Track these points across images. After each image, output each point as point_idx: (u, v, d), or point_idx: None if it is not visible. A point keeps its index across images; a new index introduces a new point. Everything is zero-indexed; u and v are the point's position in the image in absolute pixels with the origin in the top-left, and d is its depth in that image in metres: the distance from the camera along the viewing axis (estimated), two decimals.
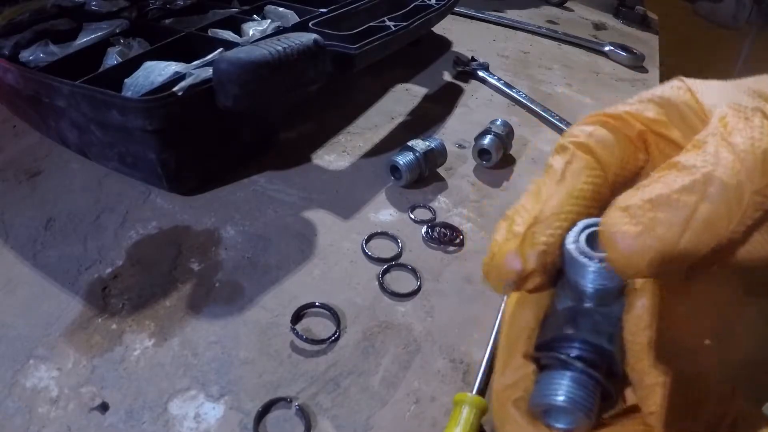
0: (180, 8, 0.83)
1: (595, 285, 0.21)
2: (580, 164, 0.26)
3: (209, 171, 0.63)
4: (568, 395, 0.20)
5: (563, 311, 0.22)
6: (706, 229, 0.20)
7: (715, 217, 0.20)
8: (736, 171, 0.20)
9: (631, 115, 0.27)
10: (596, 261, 0.21)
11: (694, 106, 0.27)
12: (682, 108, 0.27)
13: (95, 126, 0.58)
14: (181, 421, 0.39)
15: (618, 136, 0.27)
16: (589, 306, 0.22)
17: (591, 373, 0.21)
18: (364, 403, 0.41)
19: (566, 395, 0.20)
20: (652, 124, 0.27)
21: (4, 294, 0.48)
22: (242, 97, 0.52)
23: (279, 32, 0.68)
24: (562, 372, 0.21)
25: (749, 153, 0.20)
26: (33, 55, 0.66)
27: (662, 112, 0.27)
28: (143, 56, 0.63)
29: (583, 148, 0.26)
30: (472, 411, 0.39)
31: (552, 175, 0.26)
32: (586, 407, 0.20)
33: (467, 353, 0.46)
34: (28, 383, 0.41)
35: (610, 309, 0.21)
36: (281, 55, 0.52)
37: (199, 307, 0.48)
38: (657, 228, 0.19)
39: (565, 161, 0.26)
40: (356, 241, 0.56)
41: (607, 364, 0.21)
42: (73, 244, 0.53)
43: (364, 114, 0.80)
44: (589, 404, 0.21)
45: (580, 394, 0.20)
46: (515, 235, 0.24)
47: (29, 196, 0.59)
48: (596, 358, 0.21)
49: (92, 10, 0.79)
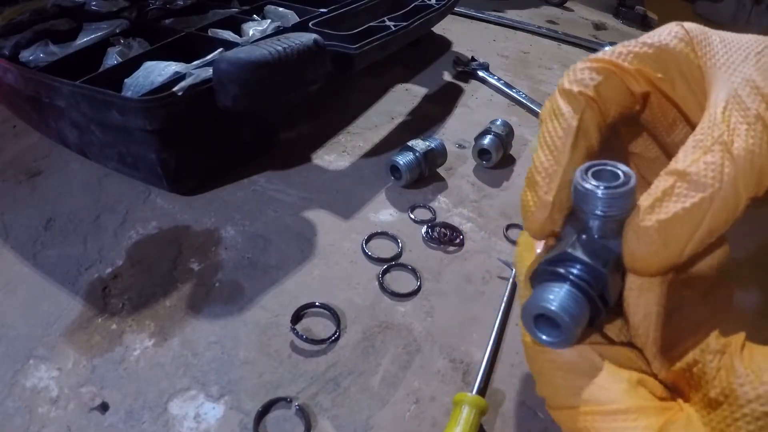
0: (180, 8, 0.83)
1: (603, 211, 0.23)
2: (592, 122, 0.28)
3: (209, 171, 0.63)
4: (561, 304, 0.22)
5: (568, 239, 0.24)
6: (708, 236, 0.24)
7: (715, 226, 0.23)
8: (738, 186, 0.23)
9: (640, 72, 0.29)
10: (603, 188, 0.23)
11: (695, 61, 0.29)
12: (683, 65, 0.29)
13: (95, 126, 0.58)
14: (181, 421, 0.39)
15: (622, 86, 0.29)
16: (592, 236, 0.24)
17: (586, 290, 0.23)
18: (364, 403, 0.41)
19: (560, 304, 0.22)
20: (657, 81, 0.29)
21: (4, 294, 0.48)
22: (242, 97, 0.52)
23: (279, 32, 0.68)
24: (561, 284, 0.23)
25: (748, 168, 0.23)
26: (33, 55, 0.66)
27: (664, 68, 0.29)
28: (143, 56, 0.63)
29: (591, 102, 0.28)
30: (472, 411, 0.39)
31: (565, 128, 0.28)
32: (576, 319, 0.22)
33: (467, 353, 0.46)
34: (28, 383, 0.41)
35: (610, 242, 0.24)
36: (281, 55, 0.52)
37: (199, 307, 0.48)
38: (672, 245, 0.23)
39: (576, 115, 0.28)
40: (356, 241, 0.56)
41: (601, 287, 0.23)
42: (73, 244, 0.53)
43: (364, 114, 0.80)
44: (578, 316, 0.22)
45: (572, 306, 0.22)
46: (544, 204, 0.27)
47: (29, 196, 0.59)
48: (592, 279, 0.23)
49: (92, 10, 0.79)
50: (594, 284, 0.23)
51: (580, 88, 0.29)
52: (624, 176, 0.23)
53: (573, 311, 0.22)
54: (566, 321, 0.22)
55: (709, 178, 0.24)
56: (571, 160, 0.27)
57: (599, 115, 0.29)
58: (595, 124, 0.29)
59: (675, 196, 0.24)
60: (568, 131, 0.28)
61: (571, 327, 0.22)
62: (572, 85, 0.29)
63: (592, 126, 0.28)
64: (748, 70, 0.27)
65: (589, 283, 0.23)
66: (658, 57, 0.29)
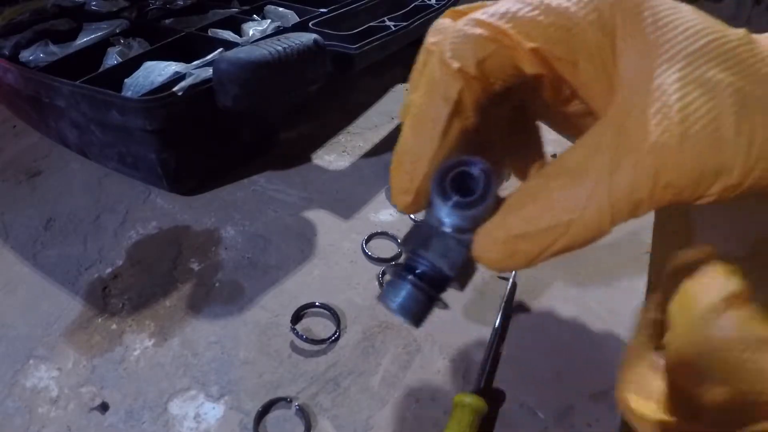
0: (180, 8, 0.83)
1: (453, 225, 0.24)
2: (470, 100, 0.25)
3: (209, 171, 0.63)
4: (401, 303, 0.25)
5: (426, 228, 0.25)
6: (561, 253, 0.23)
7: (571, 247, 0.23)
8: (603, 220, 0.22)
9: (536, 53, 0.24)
10: (451, 205, 0.23)
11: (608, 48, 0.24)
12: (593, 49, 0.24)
13: (95, 126, 0.58)
14: (181, 421, 0.39)
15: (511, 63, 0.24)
16: (445, 231, 0.25)
17: (426, 290, 0.25)
18: (364, 403, 0.41)
19: (400, 303, 0.25)
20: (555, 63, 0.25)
21: (4, 294, 0.48)
22: (242, 97, 0.52)
23: (279, 32, 0.68)
24: (404, 283, 0.25)
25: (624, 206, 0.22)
26: (33, 55, 0.66)
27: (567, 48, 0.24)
28: (143, 56, 0.63)
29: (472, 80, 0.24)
30: (472, 411, 0.39)
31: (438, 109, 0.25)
32: (415, 316, 0.25)
33: (467, 353, 0.46)
34: (28, 383, 0.41)
35: (465, 237, 0.24)
36: (281, 55, 0.52)
37: (199, 307, 0.48)
38: (518, 257, 0.23)
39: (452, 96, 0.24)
40: (356, 241, 0.56)
41: (445, 284, 0.25)
42: (73, 244, 0.53)
43: (364, 114, 0.80)
44: (417, 314, 0.25)
45: (411, 305, 0.25)
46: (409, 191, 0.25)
47: (29, 196, 0.59)
48: (436, 278, 0.25)
49: (92, 10, 0.79)
50: (439, 282, 0.25)
51: (461, 64, 0.24)
52: (482, 188, 0.23)
53: (410, 308, 0.25)
54: (406, 320, 0.25)
55: (571, 206, 0.22)
56: (442, 146, 0.25)
57: (479, 92, 0.25)
58: (474, 101, 0.25)
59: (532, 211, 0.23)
60: (440, 114, 0.25)
61: (411, 321, 0.25)
62: (452, 59, 0.25)
63: (470, 104, 0.25)
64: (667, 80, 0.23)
65: (433, 282, 0.25)
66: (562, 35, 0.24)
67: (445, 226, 0.24)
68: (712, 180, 0.22)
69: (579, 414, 0.41)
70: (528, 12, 0.24)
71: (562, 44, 0.24)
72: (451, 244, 0.25)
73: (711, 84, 0.23)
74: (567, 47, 0.24)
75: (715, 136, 0.22)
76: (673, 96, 0.22)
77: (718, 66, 0.23)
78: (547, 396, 0.43)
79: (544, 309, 0.50)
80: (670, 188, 0.22)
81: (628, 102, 0.23)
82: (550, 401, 0.42)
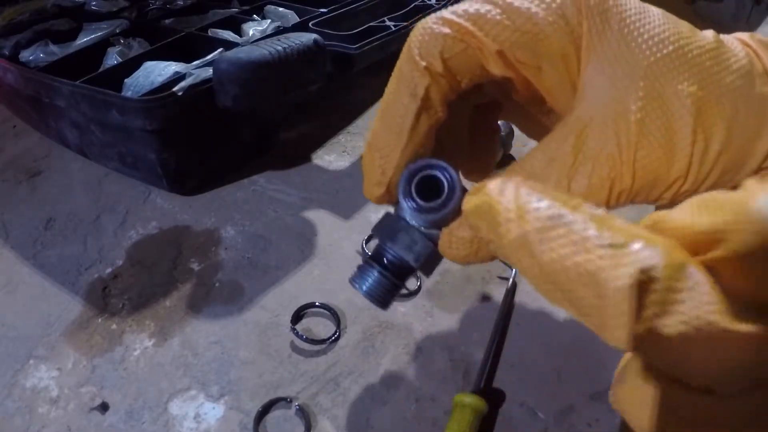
0: (180, 8, 0.83)
1: (418, 224, 0.25)
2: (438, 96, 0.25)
3: (209, 171, 0.63)
4: (368, 288, 0.27)
5: (395, 220, 0.26)
6: None
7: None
8: None
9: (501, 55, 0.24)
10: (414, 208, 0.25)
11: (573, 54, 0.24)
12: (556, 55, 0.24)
13: (95, 126, 0.58)
14: (181, 421, 0.39)
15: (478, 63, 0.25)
16: (412, 224, 0.26)
17: (390, 279, 0.27)
18: (364, 403, 0.41)
19: (367, 288, 0.27)
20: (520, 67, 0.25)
21: (4, 294, 0.48)
22: (242, 97, 0.52)
23: (279, 32, 0.68)
24: (372, 270, 0.27)
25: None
26: (33, 55, 0.66)
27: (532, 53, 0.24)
28: (143, 56, 0.63)
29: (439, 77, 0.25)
30: (472, 411, 0.39)
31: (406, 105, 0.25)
32: (381, 300, 0.27)
33: (467, 353, 0.46)
34: (28, 383, 0.41)
35: (432, 232, 0.25)
36: (281, 55, 0.52)
37: (199, 307, 0.48)
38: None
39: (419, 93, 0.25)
40: (356, 241, 0.56)
41: (409, 273, 0.27)
42: (73, 244, 0.53)
43: (364, 114, 0.80)
44: (383, 298, 0.27)
45: (378, 290, 0.27)
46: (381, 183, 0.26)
47: (29, 196, 0.59)
48: (401, 268, 0.27)
49: (92, 10, 0.79)
50: (403, 272, 0.27)
51: (427, 61, 0.25)
52: (445, 194, 0.24)
53: (375, 294, 0.27)
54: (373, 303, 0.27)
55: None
56: (411, 141, 0.26)
57: (447, 89, 0.26)
58: (441, 97, 0.26)
59: None
60: (408, 109, 0.25)
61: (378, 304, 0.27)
62: (420, 56, 0.25)
63: (438, 100, 0.25)
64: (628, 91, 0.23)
65: (398, 272, 0.27)
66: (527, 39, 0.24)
67: (413, 221, 0.26)
68: (664, 187, 0.23)
69: (579, 414, 0.41)
70: (495, 14, 0.24)
71: (526, 49, 0.24)
72: (416, 238, 0.26)
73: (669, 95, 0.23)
74: (531, 52, 0.24)
75: (669, 147, 0.23)
76: (632, 107, 0.23)
77: (681, 75, 0.23)
78: (547, 396, 0.43)
79: (544, 309, 0.50)
80: (624, 194, 0.23)
81: (589, 111, 0.24)
82: (550, 401, 0.42)
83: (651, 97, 0.24)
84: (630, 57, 0.24)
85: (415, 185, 0.25)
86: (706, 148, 0.23)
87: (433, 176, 0.25)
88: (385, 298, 0.27)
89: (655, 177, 0.23)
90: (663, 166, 0.23)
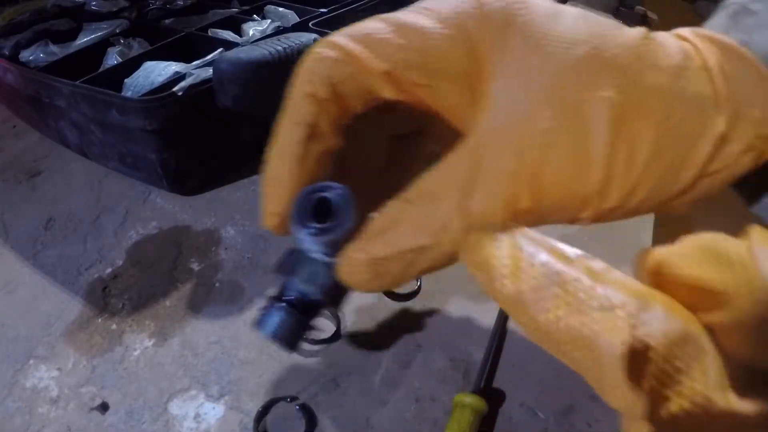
0: (180, 8, 0.83)
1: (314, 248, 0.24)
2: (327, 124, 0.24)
3: (209, 171, 0.63)
4: (274, 330, 0.25)
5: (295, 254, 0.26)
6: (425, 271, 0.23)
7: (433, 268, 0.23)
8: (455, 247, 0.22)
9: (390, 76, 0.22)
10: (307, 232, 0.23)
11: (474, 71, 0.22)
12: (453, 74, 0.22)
13: (95, 126, 0.58)
14: (181, 421, 0.39)
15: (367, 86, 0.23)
16: (313, 256, 0.24)
17: (296, 316, 0.25)
18: (364, 403, 0.41)
19: (273, 330, 0.25)
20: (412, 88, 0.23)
21: (4, 294, 0.48)
22: (242, 97, 0.52)
23: (279, 32, 0.68)
24: (274, 310, 0.25)
25: None
26: (33, 55, 0.66)
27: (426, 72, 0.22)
28: (143, 56, 0.63)
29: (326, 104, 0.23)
30: (472, 411, 0.39)
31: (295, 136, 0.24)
32: (288, 342, 0.25)
33: (467, 353, 0.46)
34: (28, 383, 0.41)
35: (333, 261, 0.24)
36: (281, 55, 0.52)
37: (199, 307, 0.48)
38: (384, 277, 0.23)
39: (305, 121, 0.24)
40: None
41: (316, 307, 0.26)
42: (73, 244, 0.53)
43: None
44: (290, 339, 0.25)
45: (283, 331, 0.25)
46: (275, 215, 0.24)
47: (29, 196, 0.59)
48: (306, 303, 0.25)
49: (92, 10, 0.79)
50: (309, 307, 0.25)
51: (312, 89, 0.23)
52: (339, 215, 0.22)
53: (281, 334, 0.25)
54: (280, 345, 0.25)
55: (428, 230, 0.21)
56: (302, 170, 0.24)
57: (337, 115, 0.24)
58: (331, 124, 0.24)
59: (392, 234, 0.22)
60: (295, 138, 0.24)
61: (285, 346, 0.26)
62: (305, 83, 0.23)
63: (328, 127, 0.24)
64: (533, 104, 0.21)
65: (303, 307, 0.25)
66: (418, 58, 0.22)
67: (311, 251, 0.24)
68: (580, 205, 0.21)
69: (579, 414, 0.41)
70: (385, 33, 0.22)
71: (417, 68, 0.22)
72: (317, 269, 0.24)
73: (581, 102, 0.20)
74: (424, 71, 0.22)
75: (581, 161, 0.20)
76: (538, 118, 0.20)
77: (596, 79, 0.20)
78: (547, 396, 0.43)
79: None
80: (530, 214, 0.21)
81: (491, 125, 0.21)
82: (550, 401, 0.42)
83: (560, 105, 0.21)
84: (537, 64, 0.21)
85: (310, 211, 0.23)
86: (630, 158, 0.20)
87: (324, 198, 0.23)
88: (292, 339, 0.25)
89: (568, 194, 0.21)
90: (576, 182, 0.20)
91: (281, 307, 0.25)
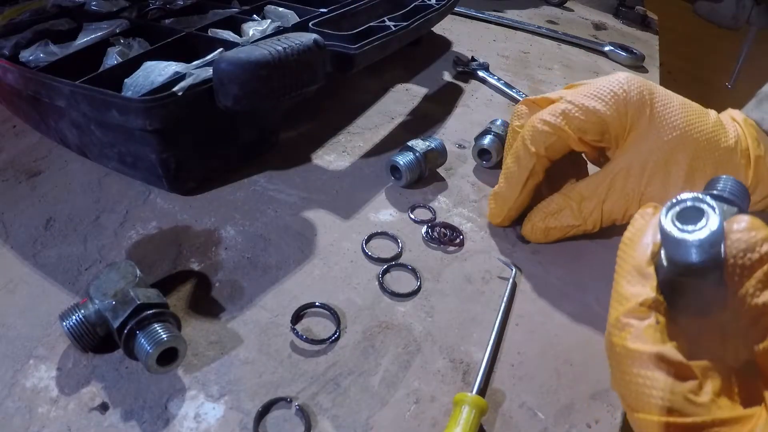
0: (180, 8, 0.83)
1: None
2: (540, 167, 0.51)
3: (209, 171, 0.63)
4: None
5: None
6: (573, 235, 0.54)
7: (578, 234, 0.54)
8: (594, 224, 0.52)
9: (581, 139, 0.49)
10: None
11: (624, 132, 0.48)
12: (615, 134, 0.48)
13: (95, 126, 0.58)
14: (181, 421, 0.39)
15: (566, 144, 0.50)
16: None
17: None
18: (364, 403, 0.41)
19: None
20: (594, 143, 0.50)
21: (4, 294, 0.48)
22: (242, 97, 0.52)
23: (279, 32, 0.68)
24: None
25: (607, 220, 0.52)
26: (33, 55, 0.66)
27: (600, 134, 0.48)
28: (143, 56, 0.63)
29: (542, 158, 0.50)
30: (472, 411, 0.39)
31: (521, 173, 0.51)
32: None
33: (467, 353, 0.46)
34: (28, 383, 0.41)
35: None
36: (281, 55, 0.52)
37: (199, 307, 0.48)
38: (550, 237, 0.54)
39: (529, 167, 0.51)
40: (356, 241, 0.56)
41: None
42: (73, 244, 0.53)
43: (364, 114, 0.80)
44: None
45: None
46: (499, 216, 0.56)
47: (29, 196, 0.59)
48: None
49: (92, 10, 0.79)
50: None
51: (535, 149, 0.49)
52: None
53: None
54: None
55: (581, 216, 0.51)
56: (521, 194, 0.52)
57: (546, 163, 0.51)
58: (542, 168, 0.51)
59: (559, 215, 0.52)
60: (522, 176, 0.51)
61: None
62: (531, 146, 0.49)
63: (540, 170, 0.51)
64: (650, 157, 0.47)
65: None
66: (597, 128, 0.47)
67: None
68: None
69: (579, 414, 0.41)
70: (576, 113, 0.47)
71: (596, 134, 0.48)
72: None
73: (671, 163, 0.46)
74: (599, 135, 0.48)
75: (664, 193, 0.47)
76: (646, 167, 0.47)
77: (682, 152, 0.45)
78: (547, 396, 0.43)
79: (544, 309, 0.50)
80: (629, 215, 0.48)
81: (621, 164, 0.48)
82: (550, 401, 0.42)
83: (658, 163, 0.46)
84: (651, 135, 0.46)
85: None
86: None
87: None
88: None
89: None
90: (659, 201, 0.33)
91: None
